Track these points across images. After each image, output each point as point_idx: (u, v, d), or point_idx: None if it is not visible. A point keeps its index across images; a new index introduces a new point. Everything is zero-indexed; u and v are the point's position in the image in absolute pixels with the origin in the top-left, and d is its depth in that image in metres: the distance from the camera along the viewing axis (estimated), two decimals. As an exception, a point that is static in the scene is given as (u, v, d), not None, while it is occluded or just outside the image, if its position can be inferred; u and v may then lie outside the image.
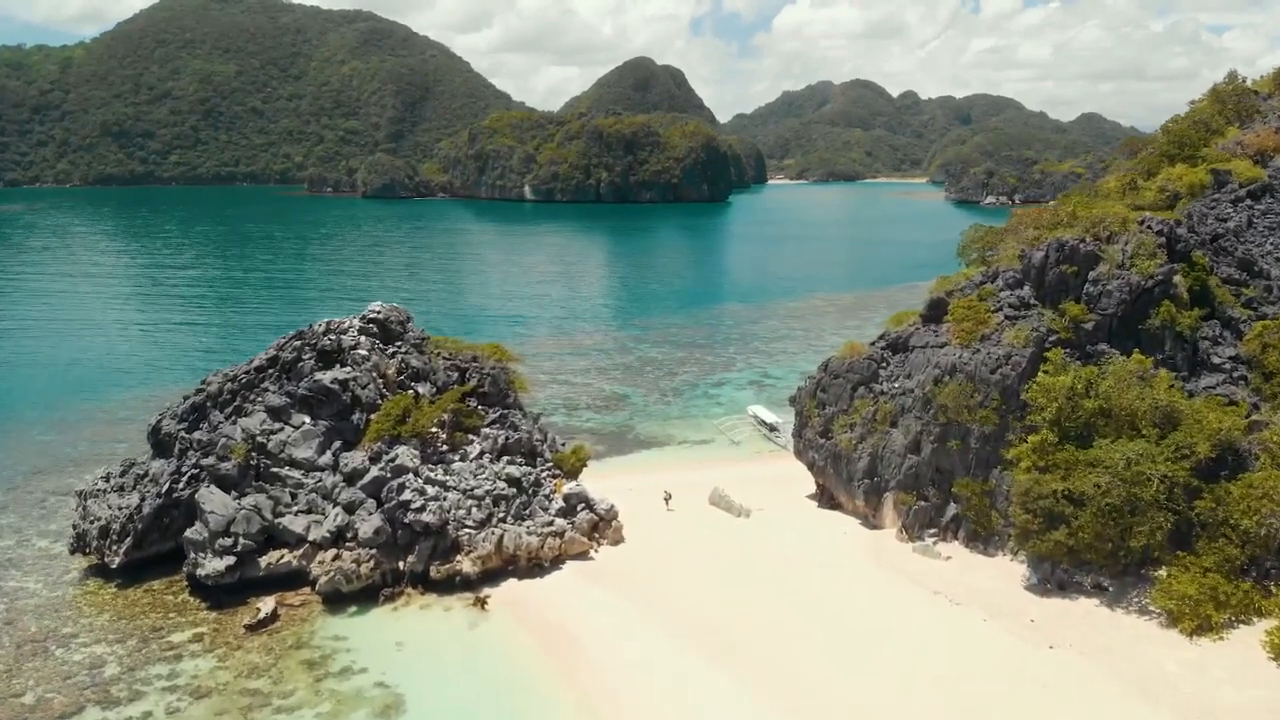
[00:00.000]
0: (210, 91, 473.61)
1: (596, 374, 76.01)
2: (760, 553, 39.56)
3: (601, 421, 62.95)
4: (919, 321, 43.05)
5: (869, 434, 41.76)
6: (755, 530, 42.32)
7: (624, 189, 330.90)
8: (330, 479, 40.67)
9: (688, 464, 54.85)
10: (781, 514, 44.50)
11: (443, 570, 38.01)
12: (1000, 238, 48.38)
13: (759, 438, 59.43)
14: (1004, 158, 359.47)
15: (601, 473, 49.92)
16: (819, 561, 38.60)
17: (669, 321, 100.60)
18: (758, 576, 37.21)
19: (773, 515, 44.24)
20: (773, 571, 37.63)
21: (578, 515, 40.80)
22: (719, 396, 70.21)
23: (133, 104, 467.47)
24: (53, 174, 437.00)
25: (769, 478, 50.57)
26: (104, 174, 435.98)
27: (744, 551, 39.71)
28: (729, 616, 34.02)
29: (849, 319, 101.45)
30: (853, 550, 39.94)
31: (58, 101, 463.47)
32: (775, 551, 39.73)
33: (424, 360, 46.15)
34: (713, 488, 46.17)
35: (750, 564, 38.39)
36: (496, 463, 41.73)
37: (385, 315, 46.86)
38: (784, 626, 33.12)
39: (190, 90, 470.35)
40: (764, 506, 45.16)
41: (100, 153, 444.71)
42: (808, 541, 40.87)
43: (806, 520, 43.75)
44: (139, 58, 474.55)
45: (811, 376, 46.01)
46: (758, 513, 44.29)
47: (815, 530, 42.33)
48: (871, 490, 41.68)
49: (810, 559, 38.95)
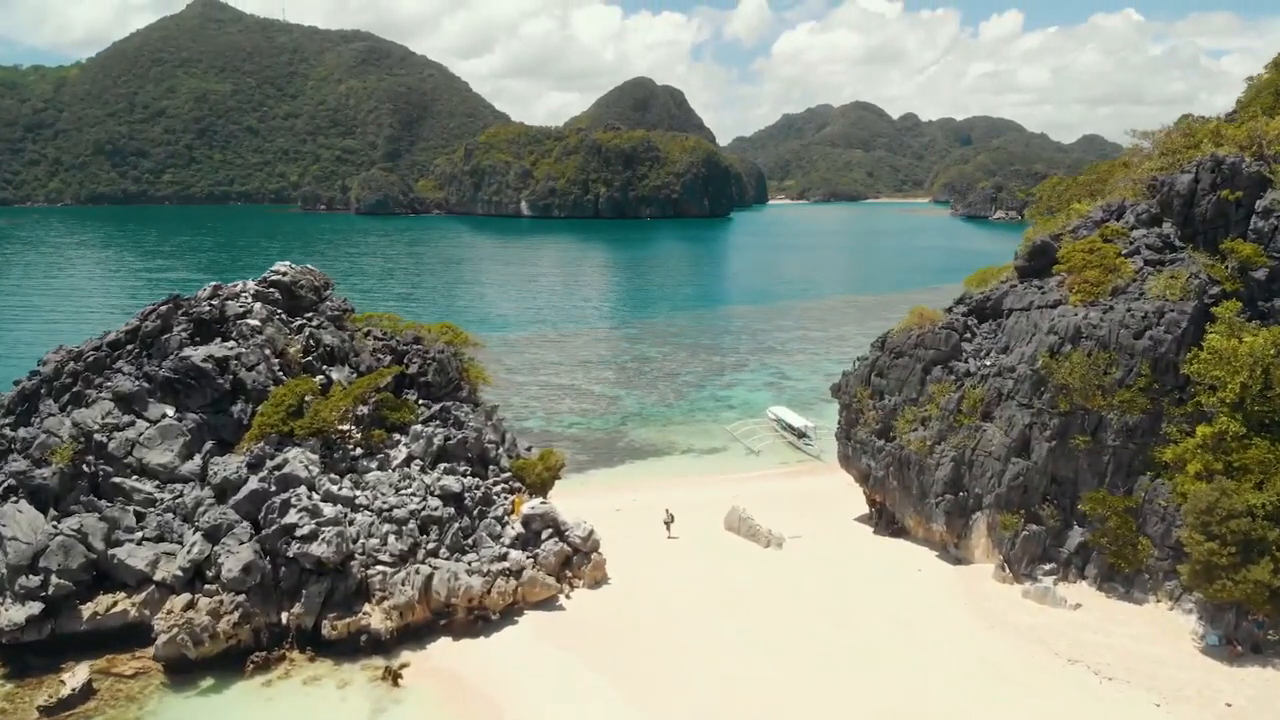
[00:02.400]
0: (205, 110, 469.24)
1: (583, 374, 64.26)
2: (803, 601, 27.52)
3: (586, 427, 51.12)
4: (1013, 276, 31.41)
5: (950, 431, 29.92)
6: (791, 567, 30.28)
7: (623, 204, 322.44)
8: (194, 493, 28.85)
9: (695, 478, 42.92)
10: (826, 543, 32.50)
11: (341, 626, 26.11)
12: (1101, 180, 36.92)
13: (784, 445, 47.57)
14: (1012, 172, 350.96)
15: (582, 488, 38.10)
16: (891, 614, 26.53)
17: (669, 322, 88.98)
18: (802, 639, 25.17)
19: (814, 545, 32.24)
20: (825, 631, 25.57)
21: (543, 546, 28.85)
22: (730, 399, 58.41)
23: (127, 122, 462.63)
24: (44, 193, 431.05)
25: (802, 494, 38.61)
26: (96, 193, 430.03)
27: (778, 599, 27.69)
28: (762, 705, 21.93)
29: (872, 318, 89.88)
30: (937, 595, 27.89)
31: (51, 120, 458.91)
32: (824, 599, 27.69)
33: (343, 338, 34.51)
34: (729, 508, 34.25)
35: (790, 618, 26.36)
36: (429, 472, 29.87)
37: (293, 278, 35.33)
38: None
39: (185, 109, 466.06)
40: (800, 533, 33.17)
41: (93, 171, 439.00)
42: (869, 583, 28.82)
43: (861, 551, 31.71)
44: (134, 76, 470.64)
45: (862, 358, 34.24)
46: (793, 541, 32.31)
47: (877, 566, 30.28)
48: (955, 509, 29.73)
49: (876, 609, 26.90)
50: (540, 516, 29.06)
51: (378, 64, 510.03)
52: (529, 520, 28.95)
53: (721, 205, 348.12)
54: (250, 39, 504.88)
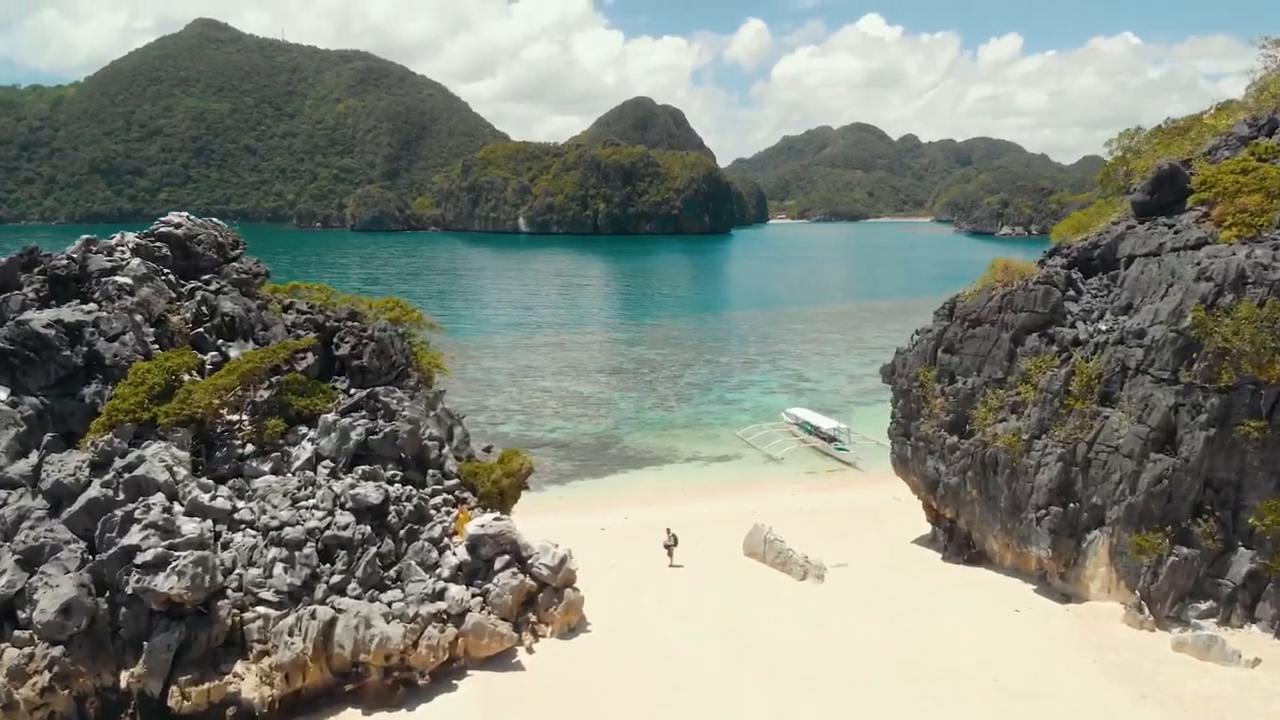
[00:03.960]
0: (203, 129, 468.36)
1: (572, 376, 56.38)
2: (860, 658, 19.37)
3: (572, 431, 43.18)
4: (1128, 215, 23.66)
5: (1056, 419, 21.99)
6: (839, 607, 22.12)
7: (622, 220, 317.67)
8: (19, 502, 20.88)
9: (702, 490, 34.94)
10: (881, 574, 24.39)
11: (197, 694, 18.17)
12: (1182, 131, 29.09)
13: (809, 451, 39.56)
14: (1018, 188, 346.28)
15: (561, 503, 30.13)
16: (989, 679, 18.37)
17: (670, 325, 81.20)
18: (863, 713, 16.98)
19: (865, 576, 24.15)
20: (894, 702, 17.39)
21: (496, 579, 20.81)
22: (741, 401, 50.50)
23: (123, 141, 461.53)
24: (39, 211, 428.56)
25: (840, 510, 30.61)
26: (91, 211, 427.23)
27: (824, 653, 19.56)
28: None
29: (892, 322, 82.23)
30: (1049, 648, 19.74)
31: (47, 139, 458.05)
32: (889, 654, 19.53)
33: (250, 307, 26.77)
34: (750, 527, 26.17)
35: (842, 682, 18.19)
36: (343, 476, 21.87)
37: (189, 230, 27.69)
38: None
39: (182, 128, 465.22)
40: (845, 559, 25.08)
41: (88, 190, 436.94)
42: (950, 631, 20.66)
43: (931, 585, 23.55)
44: (131, 95, 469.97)
45: (923, 331, 26.37)
46: (837, 571, 24.22)
47: (956, 605, 22.13)
48: (1064, 526, 21.70)
49: (966, 670, 18.75)
50: (493, 539, 21.01)
51: (377, 83, 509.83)
52: (477, 543, 20.91)
53: (722, 222, 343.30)
54: (249, 59, 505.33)
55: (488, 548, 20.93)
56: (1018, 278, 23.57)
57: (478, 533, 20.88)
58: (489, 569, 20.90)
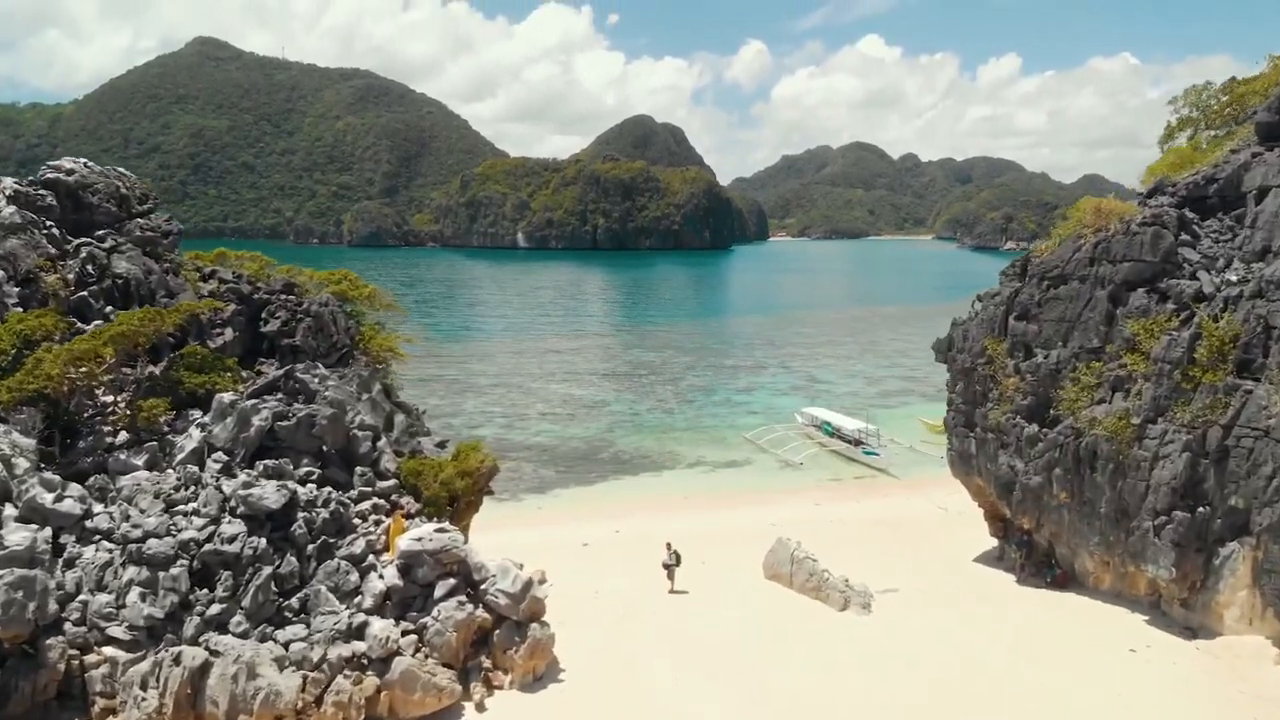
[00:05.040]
0: (201, 146, 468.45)
1: (562, 377, 51.26)
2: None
3: (558, 435, 37.97)
4: (1250, 140, 18.64)
5: (1176, 398, 16.81)
6: (895, 649, 16.72)
7: (622, 235, 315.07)
8: None
9: (708, 499, 29.67)
10: (942, 602, 19.04)
11: None
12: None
13: (830, 456, 34.35)
14: (1022, 203, 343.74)
15: (538, 515, 24.97)
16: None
17: (670, 328, 76.15)
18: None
19: (923, 605, 18.83)
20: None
21: (437, 611, 15.54)
22: (750, 403, 45.34)
23: (121, 158, 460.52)
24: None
25: (878, 522, 25.35)
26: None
27: (883, 713, 14.14)
28: None
29: (906, 326, 77.33)
30: (1189, 707, 14.36)
31: (45, 155, 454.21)
32: (971, 714, 14.13)
33: (151, 268, 21.81)
34: (773, 542, 20.86)
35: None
36: (236, 473, 16.63)
37: (82, 179, 22.79)
38: None
39: (180, 145, 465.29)
40: (895, 584, 19.76)
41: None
42: (1049, 680, 15.27)
43: (1011, 617, 18.19)
44: (129, 112, 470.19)
45: (989, 294, 21.30)
46: (885, 598, 18.89)
47: (1049, 645, 16.75)
48: (1190, 538, 16.43)
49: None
50: (435, 556, 15.75)
51: (376, 101, 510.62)
52: (412, 562, 15.65)
53: (723, 238, 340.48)
54: (248, 76, 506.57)
55: (426, 568, 15.66)
56: (1114, 220, 18.51)
57: (413, 548, 15.63)
58: (427, 597, 15.62)
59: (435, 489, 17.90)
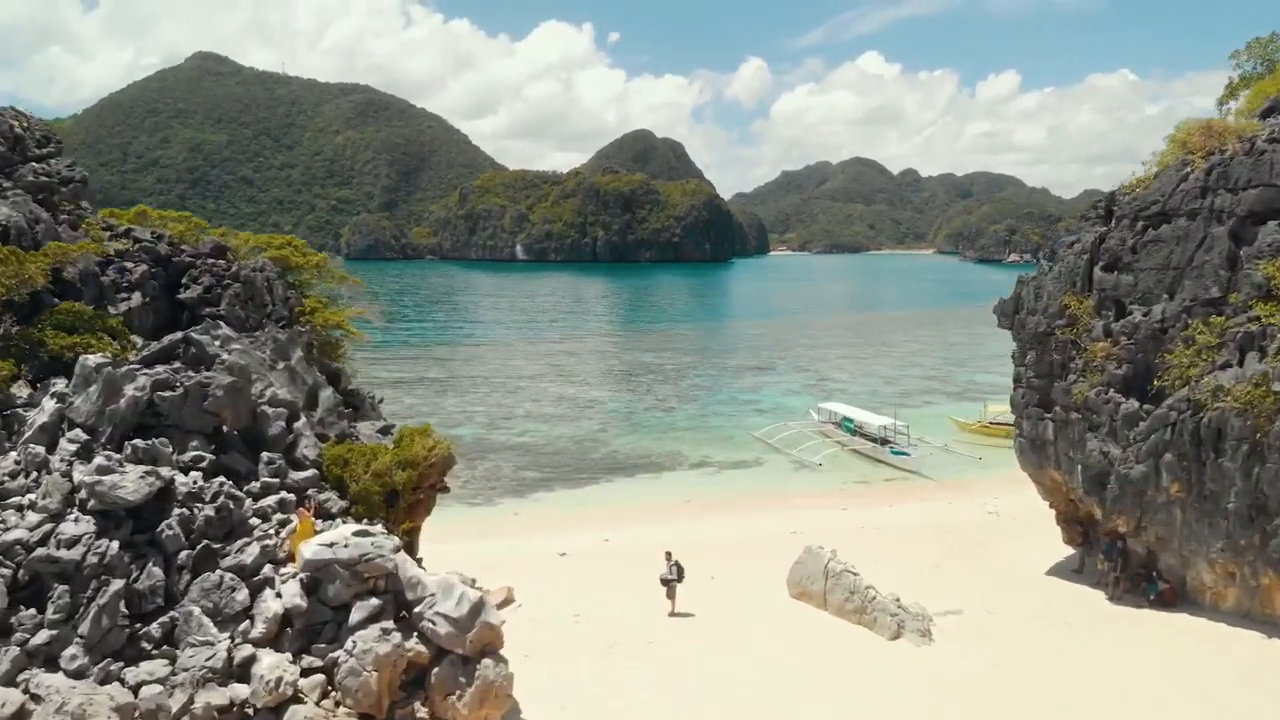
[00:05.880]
0: (200, 160, 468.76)
1: (555, 378, 47.26)
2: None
3: (545, 435, 33.92)
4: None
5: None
6: (973, 695, 12.52)
7: (621, 248, 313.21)
8: None
9: (715, 504, 25.56)
10: (1023, 627, 14.83)
11: None
12: None
13: (852, 456, 30.28)
14: (1025, 215, 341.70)
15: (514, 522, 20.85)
16: None
17: (671, 330, 72.16)
18: None
19: (998, 631, 14.60)
20: None
21: (352, 641, 11.31)
22: (757, 402, 41.30)
23: (119, 172, 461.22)
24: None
25: (916, 530, 21.29)
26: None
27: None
28: None
29: (920, 329, 73.45)
30: None
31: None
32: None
33: (40, 219, 17.94)
34: (801, 553, 16.72)
35: None
36: (99, 453, 12.58)
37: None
38: None
39: (179, 159, 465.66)
40: (957, 605, 15.63)
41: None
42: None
43: (1115, 646, 14.01)
44: (129, 127, 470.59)
45: (1068, 241, 17.32)
46: (946, 621, 14.74)
47: (1177, 686, 12.57)
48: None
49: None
50: (350, 568, 11.63)
51: (376, 115, 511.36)
52: (320, 576, 11.55)
53: (724, 250, 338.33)
54: (248, 91, 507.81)
55: (339, 584, 11.55)
56: (1232, 140, 14.59)
57: (321, 556, 11.55)
58: (340, 623, 11.52)
59: (366, 482, 13.84)
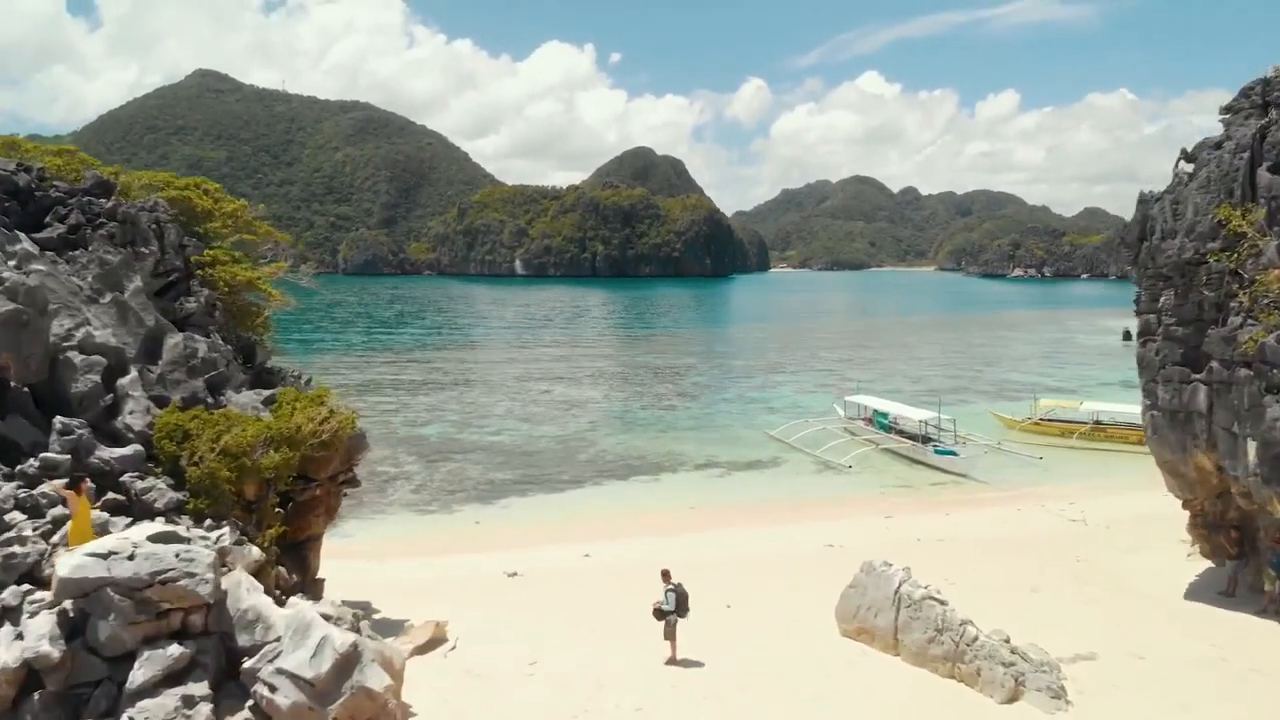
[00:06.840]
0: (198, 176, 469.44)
1: (540, 377, 42.61)
2: None
3: (525, 434, 29.21)
4: None
5: None
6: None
7: (621, 263, 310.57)
8: None
9: (725, 512, 20.79)
10: (1189, 680, 10.03)
11: None
12: None
13: (885, 456, 25.56)
14: (1029, 230, 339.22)
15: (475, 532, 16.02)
16: None
17: (672, 334, 67.63)
18: None
19: (1155, 688, 9.80)
20: None
21: (130, 713, 6.47)
22: (769, 400, 36.70)
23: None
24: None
25: (991, 541, 16.47)
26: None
27: None
28: None
29: (936, 332, 69.03)
30: None
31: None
32: None
33: None
34: (856, 571, 11.96)
35: None
36: None
37: None
38: None
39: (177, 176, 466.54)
40: (1088, 646, 10.83)
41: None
42: None
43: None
44: (128, 143, 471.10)
45: (1206, 142, 12.71)
46: (1079, 670, 9.98)
47: None
48: None
49: None
50: (136, 594, 6.91)
51: (376, 133, 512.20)
52: (88, 607, 6.82)
53: (724, 265, 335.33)
54: (248, 108, 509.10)
55: (117, 619, 6.87)
56: None
57: (85, 574, 6.88)
58: (118, 684, 6.82)
59: (211, 463, 9.15)
